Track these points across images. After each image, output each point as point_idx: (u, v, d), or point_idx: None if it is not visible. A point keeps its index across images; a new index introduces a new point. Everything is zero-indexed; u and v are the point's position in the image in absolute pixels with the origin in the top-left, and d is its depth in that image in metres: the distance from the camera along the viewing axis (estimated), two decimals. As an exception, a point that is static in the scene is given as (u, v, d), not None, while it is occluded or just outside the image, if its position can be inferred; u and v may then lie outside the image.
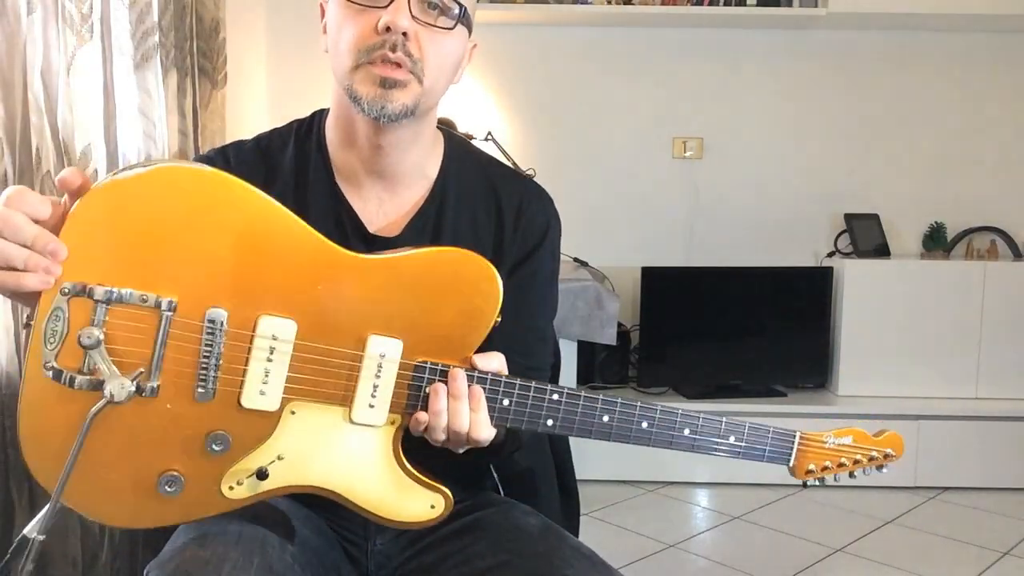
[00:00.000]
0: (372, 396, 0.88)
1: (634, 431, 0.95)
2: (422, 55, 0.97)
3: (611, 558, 1.04)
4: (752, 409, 2.94)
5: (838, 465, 1.04)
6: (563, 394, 0.92)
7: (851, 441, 1.05)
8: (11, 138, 1.73)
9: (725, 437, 0.99)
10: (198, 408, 0.84)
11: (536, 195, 1.14)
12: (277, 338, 0.85)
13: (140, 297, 0.80)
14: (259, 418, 0.86)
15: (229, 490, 0.87)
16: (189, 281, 0.82)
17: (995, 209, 3.26)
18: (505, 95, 3.26)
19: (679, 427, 0.97)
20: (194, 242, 0.82)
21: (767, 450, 1.02)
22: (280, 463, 0.87)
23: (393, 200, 1.08)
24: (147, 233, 0.81)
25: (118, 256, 0.80)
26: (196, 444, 0.85)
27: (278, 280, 0.85)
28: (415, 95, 0.97)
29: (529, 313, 1.11)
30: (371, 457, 0.90)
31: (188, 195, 0.82)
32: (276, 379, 0.85)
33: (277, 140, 1.11)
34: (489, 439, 0.92)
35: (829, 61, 3.25)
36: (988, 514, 2.71)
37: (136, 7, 2.03)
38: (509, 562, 0.97)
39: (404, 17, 0.94)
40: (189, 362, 0.83)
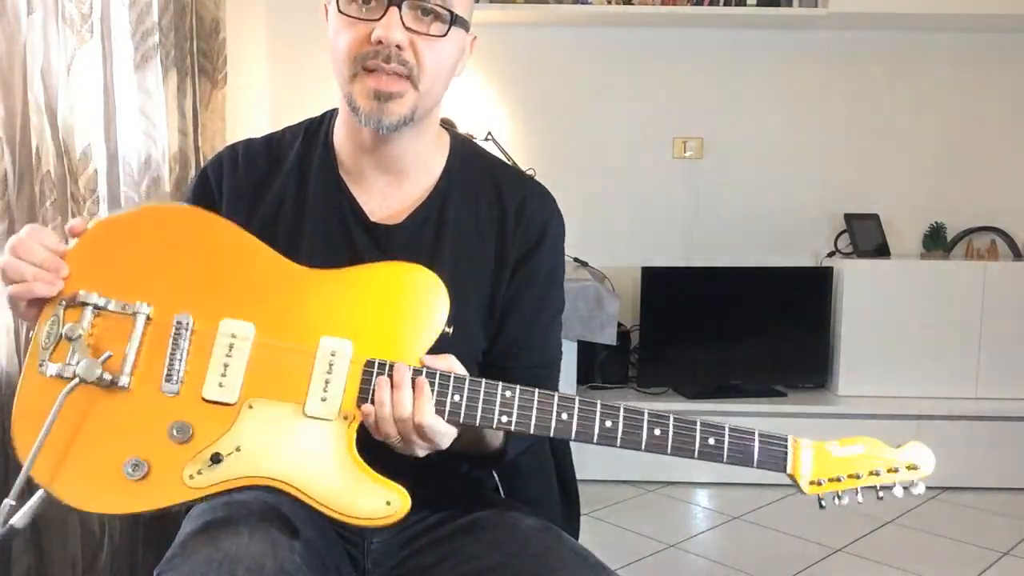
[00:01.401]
0: (324, 391, 0.94)
1: (598, 431, 0.93)
2: (418, 61, 0.99)
3: (611, 558, 1.04)
4: (752, 409, 2.94)
5: (850, 476, 0.94)
6: (515, 391, 0.94)
7: (863, 451, 0.95)
8: (11, 138, 1.73)
9: (704, 438, 0.95)
10: (164, 400, 0.94)
11: (539, 194, 1.14)
12: (236, 336, 0.95)
13: (122, 305, 0.95)
14: (219, 410, 0.93)
15: (190, 479, 0.91)
16: (163, 293, 0.97)
17: (995, 209, 3.26)
18: (505, 95, 3.26)
19: (648, 427, 0.94)
20: (169, 263, 0.98)
21: (755, 455, 0.94)
22: (238, 454, 0.91)
23: (397, 193, 1.09)
24: (131, 256, 0.98)
25: (107, 275, 0.97)
26: (160, 432, 0.92)
27: (239, 290, 0.97)
28: (412, 103, 1.00)
29: (532, 311, 1.12)
30: (326, 452, 0.93)
31: (166, 226, 1.00)
32: (234, 373, 0.94)
33: (288, 136, 1.14)
34: (440, 431, 0.92)
35: (829, 61, 3.25)
36: (988, 514, 2.71)
37: (136, 7, 2.03)
38: (506, 563, 0.97)
39: (397, 30, 0.96)
40: (159, 359, 0.95)
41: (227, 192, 1.09)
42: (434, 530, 1.07)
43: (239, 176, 1.10)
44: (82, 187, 1.82)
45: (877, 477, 0.95)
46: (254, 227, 1.08)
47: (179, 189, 2.21)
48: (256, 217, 1.08)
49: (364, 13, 0.98)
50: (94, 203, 1.85)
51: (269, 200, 1.09)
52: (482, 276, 1.10)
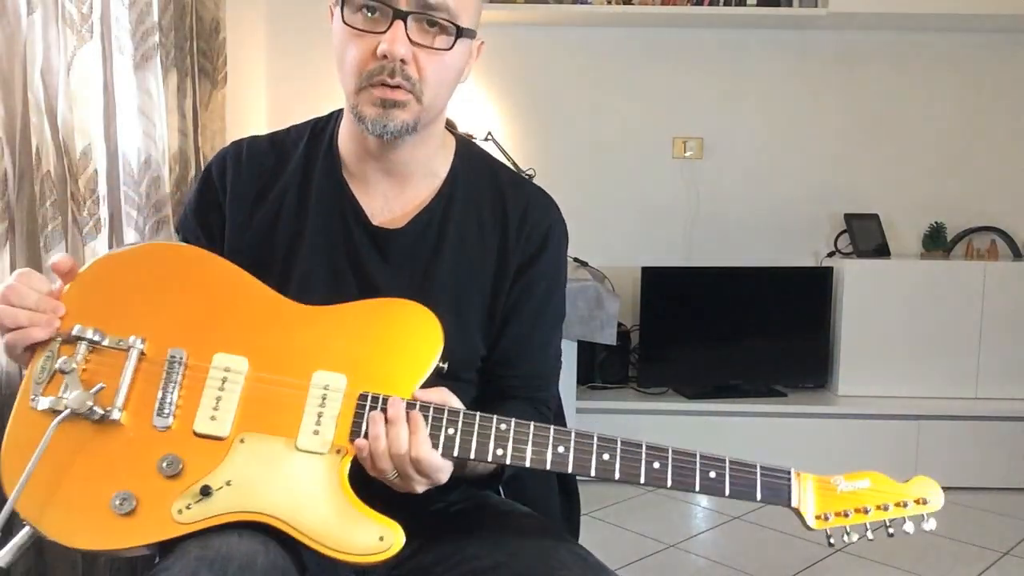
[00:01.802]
0: (317, 424, 0.93)
1: (595, 464, 0.91)
2: (421, 75, 0.99)
3: (611, 558, 1.04)
4: (752, 409, 2.94)
5: (857, 511, 0.91)
6: (511, 424, 0.92)
7: (868, 485, 0.93)
8: (11, 138, 1.73)
9: (705, 472, 0.91)
10: (156, 433, 0.93)
11: (542, 201, 1.14)
12: (230, 370, 0.95)
13: (116, 340, 0.96)
14: (210, 444, 0.92)
15: (179, 513, 0.89)
16: (157, 327, 0.97)
17: (995, 209, 3.26)
18: (505, 95, 3.26)
19: (647, 460, 0.90)
20: (164, 300, 0.98)
21: (757, 489, 0.92)
22: (228, 488, 0.90)
23: (400, 197, 1.09)
24: (127, 293, 0.99)
25: (103, 311, 0.97)
26: (150, 466, 0.91)
27: (232, 326, 0.98)
28: (415, 113, 1.00)
29: (531, 320, 1.11)
30: (318, 486, 0.91)
31: (163, 264, 1.01)
32: (227, 407, 0.93)
33: (293, 135, 1.14)
34: (437, 466, 0.91)
35: (829, 61, 3.25)
36: (988, 514, 2.71)
37: (136, 7, 2.03)
38: (505, 563, 0.97)
39: (401, 45, 0.96)
40: (151, 393, 0.94)
41: (231, 189, 1.09)
42: (434, 529, 1.07)
43: (243, 174, 1.10)
44: (82, 187, 1.82)
45: (885, 512, 0.93)
46: (256, 225, 1.08)
47: (179, 189, 2.21)
48: (258, 215, 1.08)
49: (369, 25, 0.98)
50: (94, 203, 1.85)
51: (272, 199, 1.09)
52: (483, 282, 1.09)
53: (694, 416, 2.95)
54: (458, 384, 1.09)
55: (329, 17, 1.05)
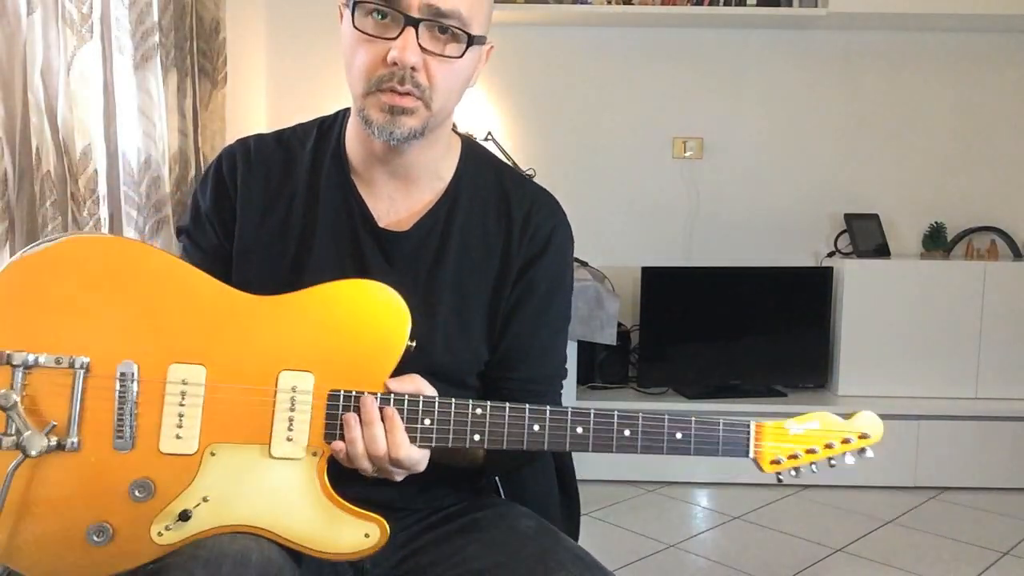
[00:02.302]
0: (289, 430, 0.90)
1: (570, 437, 0.93)
2: (431, 82, 0.98)
3: (611, 558, 1.04)
4: (752, 409, 2.94)
5: (807, 451, 0.98)
6: (487, 408, 0.92)
7: (818, 426, 0.99)
8: (11, 138, 1.73)
9: (671, 434, 0.95)
10: (120, 458, 0.88)
11: (547, 203, 1.13)
12: (188, 383, 0.89)
13: (55, 360, 0.87)
14: (179, 462, 0.88)
15: (159, 536, 0.87)
16: (100, 340, 0.88)
17: (995, 209, 3.26)
18: (505, 95, 3.26)
19: (618, 428, 0.94)
20: (101, 304, 0.89)
21: (720, 443, 0.96)
22: (206, 504, 0.88)
23: (405, 199, 1.09)
24: (57, 300, 0.88)
25: (33, 324, 0.87)
26: (120, 493, 0.87)
27: (183, 330, 0.90)
28: (423, 119, 1.00)
29: (532, 322, 1.10)
30: (297, 491, 0.90)
31: (92, 262, 0.90)
32: (191, 423, 0.88)
33: (299, 134, 1.13)
34: (416, 460, 0.92)
35: (829, 61, 3.25)
36: (988, 514, 2.71)
37: (136, 7, 2.03)
38: (504, 563, 0.97)
39: (412, 53, 0.95)
40: (106, 416, 0.87)
41: (241, 187, 1.09)
42: (433, 530, 1.07)
43: (253, 172, 1.09)
44: (82, 187, 1.82)
45: (831, 449, 0.99)
46: (268, 226, 1.08)
47: (179, 189, 2.21)
48: (270, 216, 1.08)
49: (379, 30, 0.97)
50: (94, 203, 1.85)
51: (282, 200, 1.09)
52: (486, 284, 1.09)
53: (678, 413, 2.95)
54: (462, 389, 1.09)
55: (338, 18, 1.04)
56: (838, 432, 0.99)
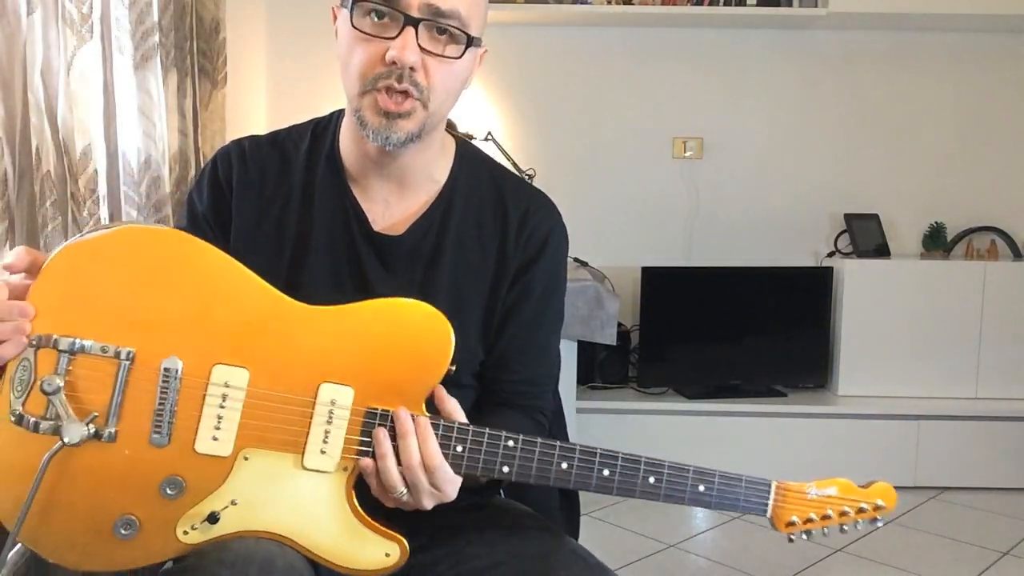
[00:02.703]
0: (324, 442, 0.90)
1: (595, 479, 0.94)
2: (429, 83, 0.98)
3: (611, 558, 1.04)
4: (752, 409, 2.94)
5: (823, 517, 0.99)
6: (518, 441, 0.92)
7: (836, 492, 1.00)
8: (11, 138, 1.73)
9: (694, 486, 0.96)
10: (154, 453, 0.87)
11: (543, 206, 1.13)
12: (230, 385, 0.89)
13: (100, 348, 0.86)
14: (213, 463, 0.88)
15: (184, 534, 0.87)
16: (146, 332, 0.87)
17: (995, 209, 3.26)
18: (505, 95, 3.25)
19: (644, 475, 0.95)
20: (152, 296, 0.88)
21: (740, 500, 0.98)
22: (234, 508, 0.88)
23: (400, 202, 1.09)
24: (108, 288, 0.87)
25: (82, 310, 0.87)
26: (151, 489, 0.87)
27: (230, 330, 0.90)
28: (420, 121, 0.99)
29: (528, 324, 1.11)
30: (324, 503, 0.90)
31: (146, 253, 0.89)
32: (229, 425, 0.88)
33: (294, 135, 1.13)
34: (450, 478, 0.92)
35: (829, 61, 3.25)
36: (988, 514, 2.71)
37: (136, 7, 2.03)
38: (505, 563, 0.97)
39: (411, 52, 0.95)
40: (146, 409, 0.87)
41: (236, 189, 1.08)
42: (433, 530, 1.07)
43: (248, 174, 1.09)
44: (82, 187, 1.82)
45: (845, 516, 1.00)
46: (263, 229, 1.07)
47: (179, 189, 2.21)
48: (265, 219, 1.08)
49: (378, 30, 0.96)
50: (94, 203, 1.85)
51: (277, 203, 1.08)
52: (482, 287, 1.09)
53: (694, 416, 2.95)
54: (459, 389, 1.09)
55: (332, 18, 1.03)
56: (854, 500, 1.00)
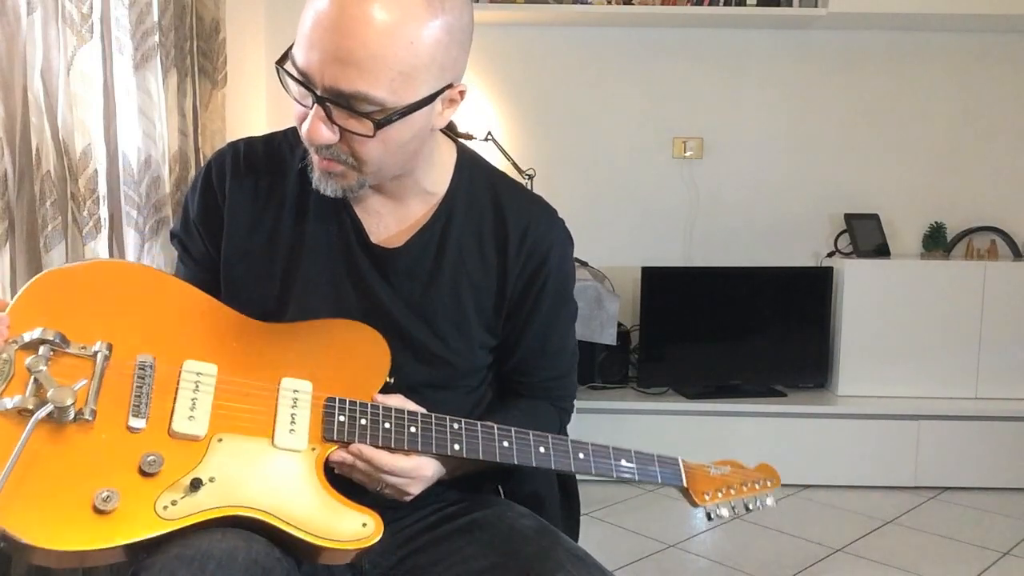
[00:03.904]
0: (291, 423, 0.97)
1: (535, 455, 1.03)
2: (353, 154, 0.95)
3: (611, 558, 1.05)
4: (752, 409, 2.94)
5: (728, 489, 1.14)
6: (462, 423, 1.01)
7: (730, 471, 1.15)
8: (11, 138, 1.73)
9: (616, 460, 1.08)
10: (131, 435, 0.91)
11: (544, 216, 1.13)
12: (201, 374, 0.96)
13: (80, 347, 0.92)
14: (188, 444, 0.93)
15: (164, 509, 0.88)
16: (121, 336, 0.95)
17: (995, 209, 3.26)
18: (505, 95, 3.26)
19: (573, 452, 1.05)
20: (124, 312, 0.97)
21: (659, 472, 1.09)
22: (212, 484, 0.91)
23: (394, 214, 1.08)
24: (83, 306, 0.96)
25: (61, 322, 0.93)
26: (131, 465, 0.89)
27: (199, 337, 1.00)
28: (357, 180, 0.99)
29: (542, 334, 1.14)
30: (299, 480, 0.94)
31: (121, 279, 1.00)
32: (203, 407, 0.94)
33: (290, 139, 1.12)
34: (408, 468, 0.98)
35: (829, 61, 3.25)
36: (988, 514, 2.71)
37: (136, 7, 2.02)
38: (503, 563, 0.97)
39: (321, 132, 0.92)
40: (123, 396, 0.92)
41: (229, 195, 1.08)
42: (432, 530, 1.07)
43: (241, 180, 1.09)
44: (82, 187, 1.82)
45: (747, 489, 1.16)
46: (256, 236, 1.07)
47: (179, 189, 2.21)
48: (258, 226, 1.07)
49: (301, 97, 0.93)
50: (94, 203, 1.85)
51: (271, 209, 1.08)
52: (484, 297, 1.10)
53: (694, 416, 2.95)
54: (468, 393, 1.12)
55: None
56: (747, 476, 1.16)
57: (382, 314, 1.06)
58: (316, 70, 0.89)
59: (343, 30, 0.87)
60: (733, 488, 1.14)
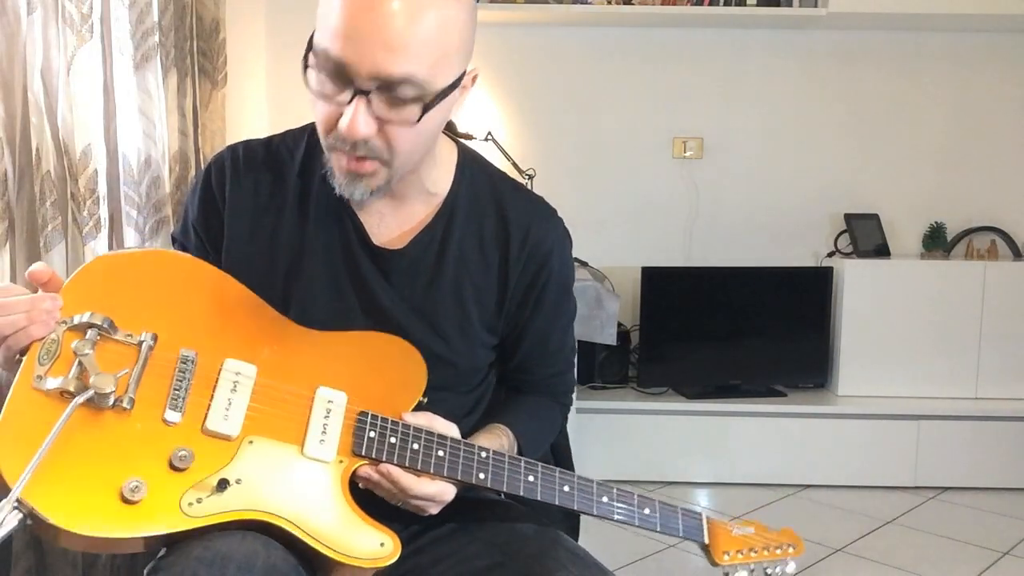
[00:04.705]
0: (323, 433, 0.97)
1: (558, 494, 1.02)
2: (390, 146, 0.94)
3: (611, 558, 1.05)
4: (752, 409, 2.94)
5: (749, 552, 1.11)
6: (490, 453, 1.01)
7: (753, 532, 1.12)
8: (11, 138, 1.73)
9: (640, 508, 1.05)
10: (165, 427, 0.91)
11: (545, 216, 1.13)
12: (240, 374, 0.97)
13: (126, 334, 0.93)
14: (220, 443, 0.93)
15: (188, 506, 0.88)
16: (167, 327, 0.96)
17: (995, 209, 3.26)
18: (505, 95, 3.26)
19: (597, 494, 1.04)
20: (172, 302, 0.98)
21: (681, 525, 1.07)
22: (239, 486, 0.91)
23: (396, 215, 1.08)
24: (134, 292, 0.97)
25: (109, 307, 0.94)
26: (161, 458, 0.90)
27: (241, 335, 1.00)
28: (384, 178, 0.97)
29: (542, 334, 1.16)
30: (323, 492, 0.95)
31: (169, 269, 1.01)
32: (238, 407, 0.95)
33: (288, 142, 1.11)
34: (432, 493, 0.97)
35: (829, 61, 3.25)
36: (988, 514, 2.71)
37: (136, 7, 2.02)
38: (504, 563, 0.98)
39: (361, 126, 0.89)
40: (163, 387, 0.93)
41: (229, 198, 1.08)
42: (433, 530, 1.07)
43: (242, 183, 1.08)
44: (82, 187, 1.82)
45: (768, 553, 1.13)
46: (257, 239, 1.07)
47: (179, 189, 2.21)
48: (259, 229, 1.07)
49: (333, 92, 0.91)
50: (94, 203, 1.85)
51: (271, 212, 1.08)
52: (485, 298, 1.10)
53: (694, 416, 2.95)
54: (467, 394, 1.13)
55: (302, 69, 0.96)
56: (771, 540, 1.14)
57: (384, 315, 1.06)
58: (357, 59, 0.87)
59: (388, 13, 0.86)
60: (755, 551, 1.12)
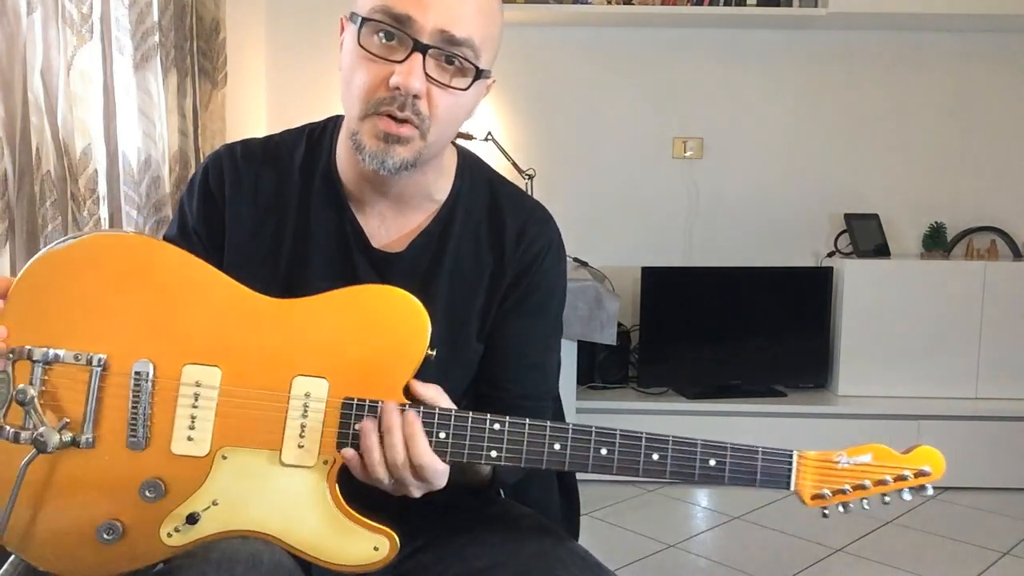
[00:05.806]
0: (300, 436, 0.89)
1: (593, 459, 0.89)
2: (432, 112, 0.94)
3: (611, 558, 1.04)
4: (752, 409, 2.94)
5: (856, 487, 0.91)
6: (505, 423, 0.89)
7: (871, 459, 0.92)
8: (11, 138, 1.73)
9: (704, 460, 0.89)
10: (132, 457, 0.88)
11: (540, 220, 1.11)
12: (201, 384, 0.89)
13: (74, 356, 0.88)
14: (191, 464, 0.88)
15: (168, 537, 0.87)
16: (118, 337, 0.89)
17: (995, 209, 3.26)
18: (505, 95, 3.26)
19: (646, 452, 0.88)
20: (120, 301, 0.90)
21: (758, 474, 0.90)
22: (215, 508, 0.88)
23: (397, 218, 1.07)
24: (77, 296, 0.90)
25: (54, 320, 0.89)
26: (132, 492, 0.87)
27: (200, 330, 0.90)
28: (417, 150, 0.96)
29: (520, 340, 1.08)
30: (307, 499, 0.89)
31: (110, 259, 0.91)
32: (203, 424, 0.89)
33: (288, 142, 1.10)
34: (438, 470, 0.89)
35: (829, 61, 3.25)
36: (988, 514, 2.71)
37: (136, 7, 2.03)
38: (504, 563, 0.97)
39: (417, 79, 0.91)
40: (121, 414, 0.88)
41: (230, 199, 1.06)
42: (433, 529, 1.07)
43: (241, 183, 1.07)
44: (82, 187, 1.82)
45: (884, 486, 0.92)
46: (260, 240, 1.06)
47: (179, 189, 2.21)
48: (261, 230, 1.06)
49: (385, 52, 0.92)
50: (94, 203, 1.85)
51: (273, 213, 1.07)
52: (479, 303, 1.08)
53: (694, 416, 2.95)
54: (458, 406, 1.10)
55: (340, 28, 1.00)
56: (893, 468, 0.93)
57: None
58: (423, 14, 0.90)
59: None
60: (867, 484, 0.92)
